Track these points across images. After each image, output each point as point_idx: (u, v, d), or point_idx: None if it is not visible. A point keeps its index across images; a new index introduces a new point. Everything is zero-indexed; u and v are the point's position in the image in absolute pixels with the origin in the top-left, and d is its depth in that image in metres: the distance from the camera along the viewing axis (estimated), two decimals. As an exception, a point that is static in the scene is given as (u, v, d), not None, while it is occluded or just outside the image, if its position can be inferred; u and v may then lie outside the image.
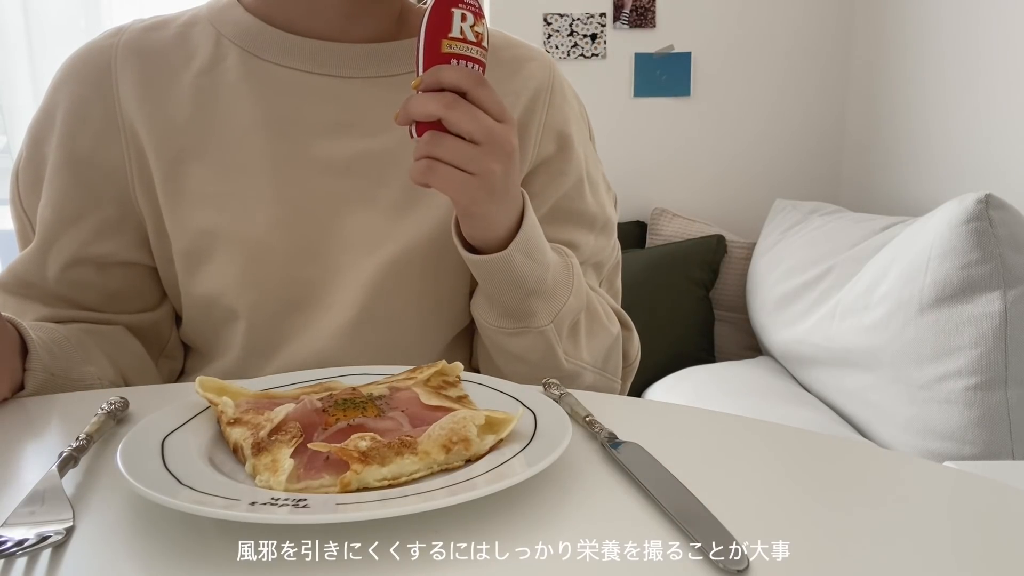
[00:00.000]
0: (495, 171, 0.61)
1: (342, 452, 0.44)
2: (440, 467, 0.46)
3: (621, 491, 0.45)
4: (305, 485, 0.43)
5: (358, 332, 0.72)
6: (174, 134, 0.72)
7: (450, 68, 0.59)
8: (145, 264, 0.76)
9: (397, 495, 0.42)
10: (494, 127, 0.60)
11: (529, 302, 0.69)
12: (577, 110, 0.84)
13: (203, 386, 0.53)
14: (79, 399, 0.62)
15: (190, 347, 0.81)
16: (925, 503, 0.45)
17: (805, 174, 2.50)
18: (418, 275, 0.73)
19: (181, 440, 0.48)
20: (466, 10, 0.60)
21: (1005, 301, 1.27)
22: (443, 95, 0.59)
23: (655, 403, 0.64)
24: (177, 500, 0.39)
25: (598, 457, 0.49)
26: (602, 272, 0.85)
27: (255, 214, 0.71)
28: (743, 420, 0.57)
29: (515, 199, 0.66)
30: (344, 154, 0.73)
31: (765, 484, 0.47)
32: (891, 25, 2.25)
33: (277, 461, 0.44)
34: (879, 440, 1.46)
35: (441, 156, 0.59)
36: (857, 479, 0.48)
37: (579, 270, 0.75)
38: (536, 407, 0.52)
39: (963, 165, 1.96)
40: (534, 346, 0.72)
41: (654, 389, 2.00)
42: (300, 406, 0.50)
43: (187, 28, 0.76)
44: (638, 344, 0.84)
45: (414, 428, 0.49)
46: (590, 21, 2.37)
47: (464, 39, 0.60)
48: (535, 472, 0.43)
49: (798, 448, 0.52)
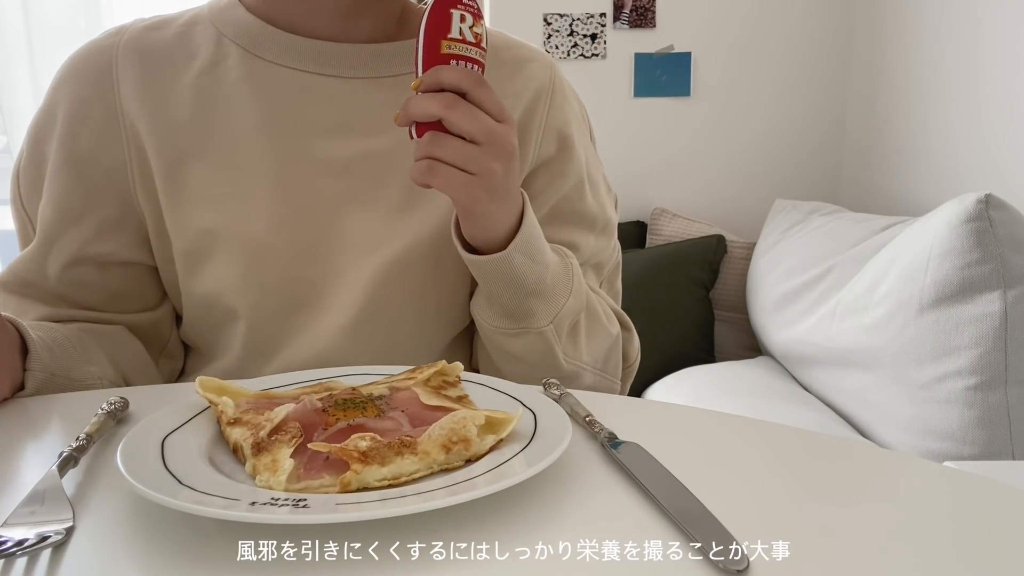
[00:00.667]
0: (496, 171, 0.61)
1: (342, 452, 0.44)
2: (440, 467, 0.45)
3: (621, 491, 0.45)
4: (305, 485, 0.43)
5: (358, 332, 0.72)
6: (175, 134, 0.72)
7: (450, 68, 0.59)
8: (146, 264, 0.76)
9: (397, 495, 0.42)
10: (494, 127, 0.60)
11: (528, 302, 0.69)
12: (578, 111, 0.84)
13: (203, 386, 0.53)
14: (79, 399, 0.62)
15: (190, 347, 0.81)
16: (925, 503, 0.45)
17: (805, 174, 2.50)
18: (418, 276, 0.73)
19: (181, 440, 0.48)
20: (465, 11, 0.60)
21: (1005, 301, 1.27)
22: (443, 95, 0.59)
23: (655, 403, 0.64)
24: (177, 500, 0.39)
25: (598, 457, 0.49)
26: (602, 273, 0.85)
27: (256, 214, 0.71)
28: (743, 420, 0.57)
29: (515, 199, 0.66)
30: (345, 154, 0.73)
31: (765, 484, 0.47)
32: (891, 25, 2.25)
33: (277, 461, 0.44)
34: (879, 440, 1.46)
35: (441, 156, 0.59)
36: (857, 479, 0.48)
37: (579, 271, 0.75)
38: (536, 407, 0.52)
39: (963, 165, 1.96)
40: (533, 346, 0.72)
41: (654, 389, 2.00)
42: (300, 406, 0.50)
43: (188, 28, 0.76)
44: (638, 345, 0.84)
45: (414, 428, 0.49)
46: (590, 21, 2.37)
47: (463, 40, 0.60)
48: (535, 472, 0.43)
49: (798, 448, 0.52)
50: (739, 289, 2.23)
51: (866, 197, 2.37)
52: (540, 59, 0.81)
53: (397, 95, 0.65)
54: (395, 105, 0.62)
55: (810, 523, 0.42)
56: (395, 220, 0.73)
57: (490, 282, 0.68)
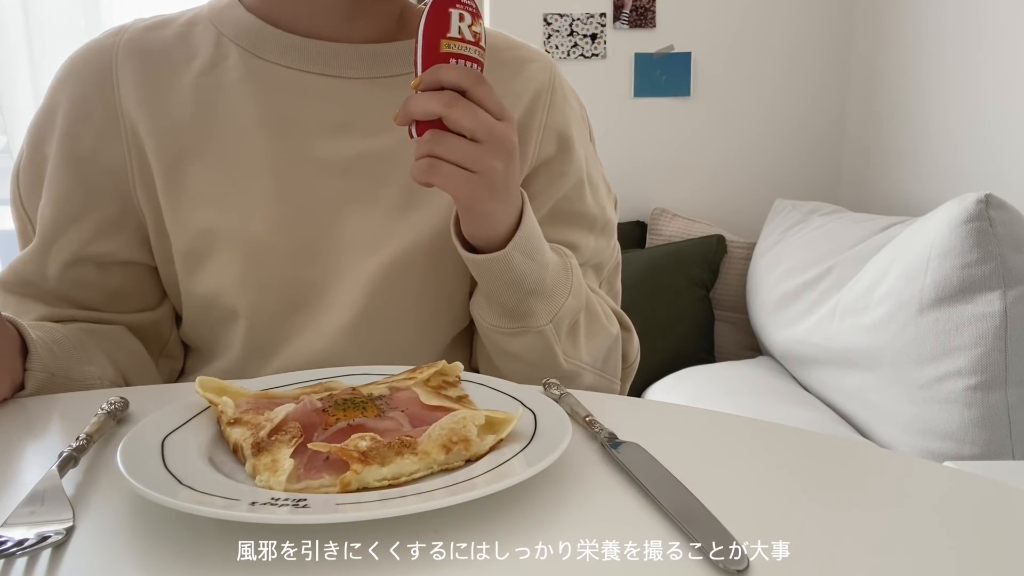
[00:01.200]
0: (497, 168, 0.61)
1: (342, 452, 0.44)
2: (440, 467, 0.45)
3: (621, 491, 0.45)
4: (305, 485, 0.43)
5: (358, 332, 0.72)
6: (175, 134, 0.72)
7: (449, 67, 0.59)
8: (145, 263, 0.76)
9: (397, 495, 0.42)
10: (495, 125, 0.60)
11: (528, 302, 0.69)
12: (578, 111, 0.84)
13: (203, 386, 0.53)
14: (79, 399, 0.62)
15: (190, 347, 0.81)
16: (925, 503, 0.45)
17: (805, 174, 2.50)
18: (418, 276, 0.73)
19: (181, 440, 0.48)
20: (463, 10, 0.60)
21: (1005, 301, 1.27)
22: (443, 93, 0.59)
23: (655, 403, 0.64)
24: (177, 500, 0.39)
25: (598, 457, 0.49)
26: (602, 273, 0.85)
27: (255, 214, 0.71)
28: (743, 420, 0.57)
29: (515, 197, 0.66)
30: (344, 154, 0.73)
31: (765, 484, 0.47)
32: (891, 25, 2.25)
33: (277, 461, 0.44)
34: (879, 440, 1.46)
35: (442, 154, 0.59)
36: (857, 479, 0.48)
37: (578, 271, 0.75)
38: (536, 407, 0.52)
39: (963, 165, 1.96)
40: (533, 346, 0.72)
41: (654, 389, 2.00)
42: (300, 406, 0.50)
43: (188, 28, 0.76)
44: (637, 345, 0.84)
45: (414, 428, 0.49)
46: (590, 21, 2.37)
47: (462, 39, 0.60)
48: (535, 472, 0.43)
49: (798, 448, 0.52)
50: (739, 289, 2.23)
51: (866, 197, 2.37)
52: (540, 60, 0.82)
53: (397, 95, 0.65)
54: (395, 105, 0.62)
55: (810, 523, 0.42)
56: (395, 220, 0.73)
57: (489, 281, 0.68)
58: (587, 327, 0.76)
